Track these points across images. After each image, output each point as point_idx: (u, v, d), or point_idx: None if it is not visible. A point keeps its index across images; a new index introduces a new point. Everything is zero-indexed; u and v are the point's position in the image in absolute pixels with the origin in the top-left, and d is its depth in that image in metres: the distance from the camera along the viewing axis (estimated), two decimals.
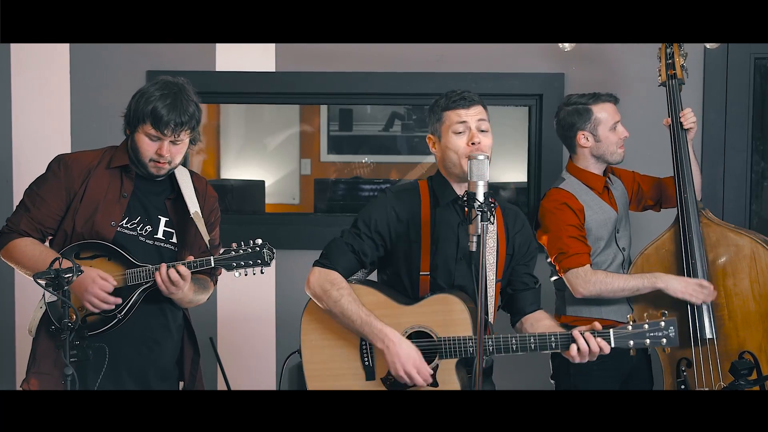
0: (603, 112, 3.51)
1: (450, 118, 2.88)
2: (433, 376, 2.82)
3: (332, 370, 2.91)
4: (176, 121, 2.92)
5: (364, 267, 2.99)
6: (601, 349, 2.74)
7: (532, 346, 2.79)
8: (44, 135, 4.36)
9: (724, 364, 3.41)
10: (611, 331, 2.76)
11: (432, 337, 2.84)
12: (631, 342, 2.76)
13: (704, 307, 3.43)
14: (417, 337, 2.86)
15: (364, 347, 2.89)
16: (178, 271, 2.94)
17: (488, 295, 2.87)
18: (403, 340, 2.80)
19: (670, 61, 3.56)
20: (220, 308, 4.41)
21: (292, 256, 4.26)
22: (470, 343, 2.79)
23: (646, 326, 2.76)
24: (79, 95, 4.36)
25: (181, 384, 3.26)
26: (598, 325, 2.77)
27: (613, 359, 3.39)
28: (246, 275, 3.03)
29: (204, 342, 3.31)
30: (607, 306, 3.50)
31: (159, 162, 3.00)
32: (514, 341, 2.79)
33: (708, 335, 3.42)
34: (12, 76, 4.35)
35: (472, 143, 2.83)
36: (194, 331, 3.28)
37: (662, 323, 2.76)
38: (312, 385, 2.92)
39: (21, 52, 4.32)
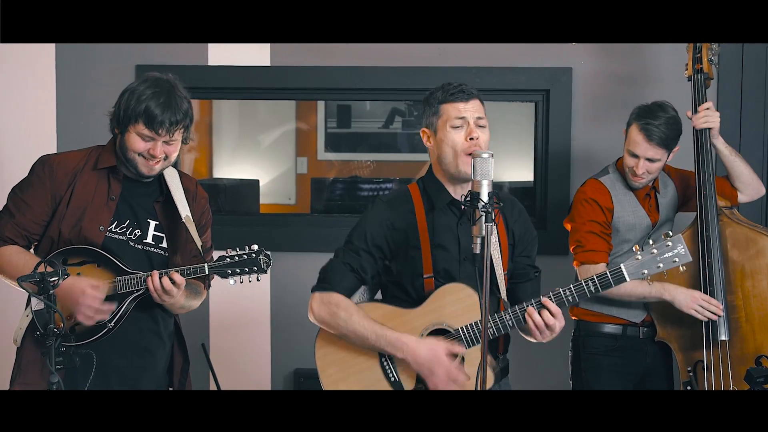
0: None
1: (447, 112, 2.84)
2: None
3: None
4: (171, 120, 2.89)
5: (365, 284, 2.95)
6: (551, 314, 2.72)
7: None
8: (29, 133, 4.32)
9: (739, 368, 3.38)
10: (622, 266, 2.73)
11: (450, 332, 2.82)
12: (645, 271, 2.72)
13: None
14: (435, 335, 2.84)
15: (385, 365, 2.86)
16: (171, 279, 2.90)
17: (501, 290, 2.87)
18: (420, 342, 2.79)
19: (698, 55, 3.56)
20: (212, 313, 4.36)
21: (288, 259, 4.23)
22: (488, 325, 2.76)
23: (655, 251, 2.72)
24: (64, 91, 4.31)
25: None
26: (548, 302, 2.75)
27: (623, 358, 3.55)
28: (241, 282, 2.99)
29: (196, 348, 3.26)
30: (619, 307, 3.53)
31: (150, 160, 2.94)
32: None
33: (722, 336, 3.41)
34: None
35: (470, 138, 2.80)
36: (184, 337, 3.24)
37: (669, 243, 2.72)
38: None
39: (4, 48, 4.25)
